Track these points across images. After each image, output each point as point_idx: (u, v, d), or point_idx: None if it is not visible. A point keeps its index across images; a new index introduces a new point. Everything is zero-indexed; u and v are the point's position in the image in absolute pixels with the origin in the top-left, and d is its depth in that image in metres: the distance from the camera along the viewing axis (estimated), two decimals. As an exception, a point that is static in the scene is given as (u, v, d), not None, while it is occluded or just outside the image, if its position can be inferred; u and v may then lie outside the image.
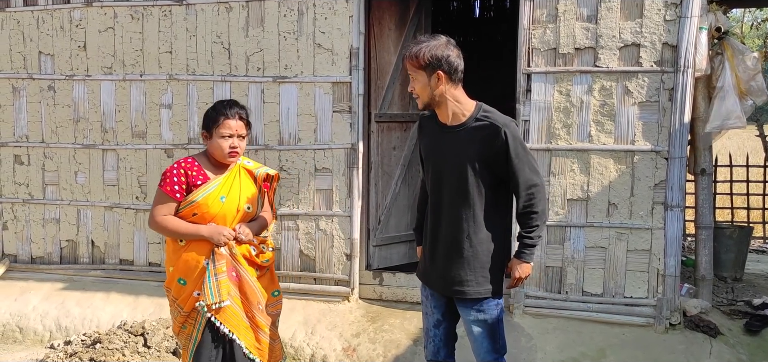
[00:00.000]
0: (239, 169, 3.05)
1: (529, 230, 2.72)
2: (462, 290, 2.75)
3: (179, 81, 4.89)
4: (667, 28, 4.11)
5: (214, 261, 2.90)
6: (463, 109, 2.69)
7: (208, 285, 2.87)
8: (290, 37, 4.68)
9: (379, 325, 4.48)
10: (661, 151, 4.19)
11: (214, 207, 2.93)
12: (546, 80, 4.32)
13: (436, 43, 2.63)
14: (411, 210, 5.29)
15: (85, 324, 4.69)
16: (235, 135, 2.95)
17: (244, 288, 3.00)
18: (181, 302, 2.96)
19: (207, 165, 2.99)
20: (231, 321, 2.95)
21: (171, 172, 2.93)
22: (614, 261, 4.33)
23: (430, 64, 2.61)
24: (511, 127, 2.63)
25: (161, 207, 2.92)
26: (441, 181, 2.75)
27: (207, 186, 2.93)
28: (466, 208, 2.69)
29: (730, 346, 4.11)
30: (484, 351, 2.81)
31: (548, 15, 4.28)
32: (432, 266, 2.85)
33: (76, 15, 5.00)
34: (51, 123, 5.14)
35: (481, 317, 2.76)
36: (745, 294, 4.94)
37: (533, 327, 4.32)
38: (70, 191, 5.17)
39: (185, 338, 3.02)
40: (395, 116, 5.08)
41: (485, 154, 2.63)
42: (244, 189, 3.02)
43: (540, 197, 2.68)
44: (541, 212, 2.70)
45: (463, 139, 2.67)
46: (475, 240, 2.70)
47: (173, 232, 2.93)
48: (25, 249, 5.31)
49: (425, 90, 2.67)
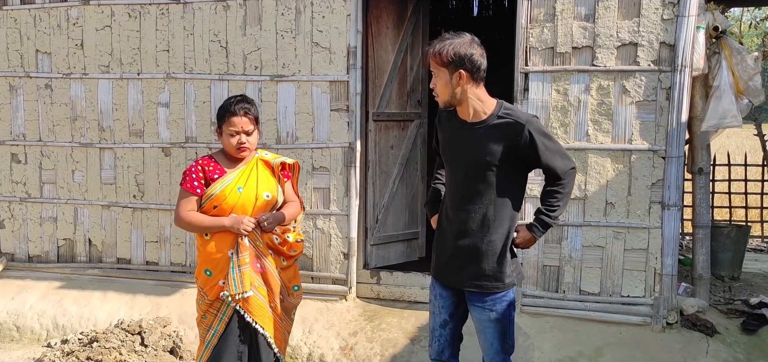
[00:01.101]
0: (257, 161, 3.16)
1: (550, 208, 2.75)
2: (478, 284, 2.74)
3: (177, 80, 4.88)
4: (665, 28, 4.11)
5: (238, 252, 3.00)
6: (484, 107, 2.68)
7: (231, 275, 2.97)
8: (288, 36, 4.68)
9: (376, 324, 4.48)
10: (658, 150, 4.19)
11: (232, 198, 3.02)
12: (543, 79, 4.32)
13: (460, 41, 2.61)
14: (409, 209, 5.30)
15: (82, 323, 4.68)
16: (241, 131, 3.04)
17: (269, 279, 3.10)
18: (207, 290, 3.07)
19: (223, 161, 3.12)
20: (257, 313, 3.05)
21: (190, 169, 3.06)
22: (611, 261, 4.33)
23: (452, 62, 2.60)
24: (533, 123, 2.65)
25: (184, 203, 3.04)
26: (459, 177, 2.75)
27: (223, 178, 3.05)
28: (483, 204, 2.69)
29: (727, 345, 4.11)
30: (493, 351, 2.81)
31: (546, 14, 4.28)
32: (447, 260, 2.84)
33: (73, 13, 4.99)
34: (48, 121, 5.14)
35: (494, 315, 2.75)
36: (742, 294, 4.95)
37: (530, 326, 4.32)
38: (67, 190, 5.16)
39: (204, 328, 3.10)
40: (393, 115, 5.07)
41: (506, 150, 2.63)
42: (261, 179, 3.12)
43: (571, 179, 2.76)
44: (567, 193, 2.75)
45: (484, 136, 2.66)
46: (492, 237, 2.70)
47: (197, 226, 3.04)
48: (22, 248, 5.30)
49: (446, 88, 2.65)
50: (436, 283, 2.93)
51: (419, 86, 5.24)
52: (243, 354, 3.06)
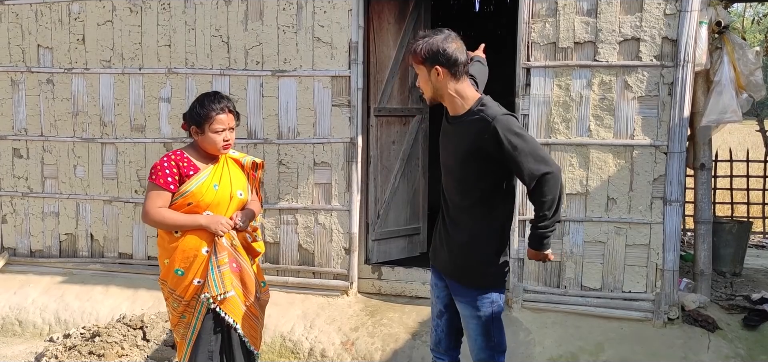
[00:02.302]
0: (226, 158, 3.10)
1: (538, 219, 2.62)
2: (456, 278, 2.79)
3: (178, 75, 4.88)
4: (667, 23, 4.10)
5: (216, 253, 2.94)
6: (464, 103, 2.67)
7: (211, 277, 2.92)
8: (289, 31, 4.67)
9: (377, 319, 4.48)
10: (660, 146, 4.18)
11: (209, 196, 2.97)
12: (545, 74, 4.31)
13: (436, 37, 2.61)
14: (410, 205, 5.29)
15: (84, 318, 4.70)
16: (227, 128, 2.99)
17: (244, 278, 3.08)
18: (181, 292, 2.97)
19: (196, 156, 3.02)
20: (233, 311, 3.02)
21: (162, 164, 2.94)
22: (613, 256, 4.33)
23: (428, 59, 2.61)
24: (501, 120, 2.54)
25: (155, 198, 2.92)
26: (444, 172, 2.80)
27: (199, 175, 2.97)
28: (462, 201, 2.71)
29: (728, 341, 4.11)
30: (477, 348, 2.82)
31: (548, 9, 4.27)
32: (437, 249, 2.91)
33: (74, 8, 4.99)
34: (50, 116, 5.14)
35: (475, 312, 2.76)
36: (743, 289, 4.94)
37: (532, 322, 4.32)
38: (69, 185, 5.17)
39: (184, 327, 3.04)
40: (394, 110, 5.07)
41: (476, 147, 2.60)
42: (234, 176, 3.09)
43: (550, 186, 2.52)
44: (551, 201, 2.54)
45: (460, 132, 2.67)
46: (469, 233, 2.71)
47: (171, 225, 2.94)
48: (24, 243, 5.31)
49: (427, 84, 2.69)
50: (433, 273, 2.98)
51: (421, 81, 5.23)
52: (213, 354, 3.03)
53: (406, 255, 5.23)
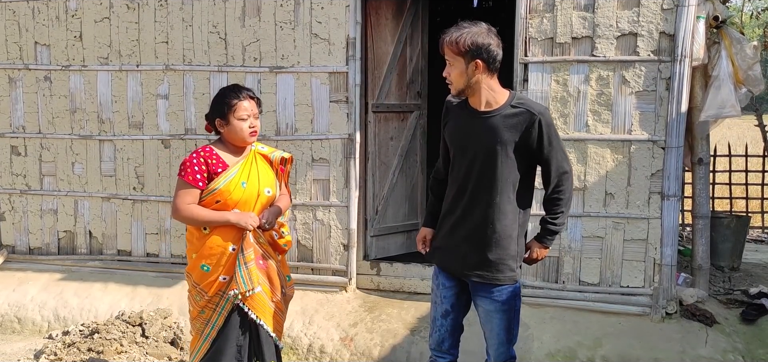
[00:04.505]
0: (254, 154, 3.10)
1: (553, 216, 2.76)
2: (483, 274, 2.73)
3: (176, 71, 4.87)
4: (665, 17, 4.10)
5: (243, 250, 2.96)
6: (497, 97, 2.68)
7: (239, 273, 2.94)
8: (287, 27, 4.66)
9: (376, 315, 4.49)
10: (658, 141, 4.19)
11: (237, 193, 2.98)
12: (543, 70, 4.31)
13: (478, 30, 2.59)
14: (408, 201, 5.30)
15: (83, 315, 4.70)
16: (252, 115, 2.99)
17: (270, 274, 3.10)
18: (205, 286, 3.00)
19: (223, 152, 3.03)
20: (259, 308, 3.05)
21: (191, 160, 2.96)
22: (611, 251, 4.33)
23: (469, 51, 2.59)
24: (546, 115, 2.66)
25: (184, 195, 2.94)
26: (468, 166, 2.72)
27: (228, 173, 2.98)
28: (492, 194, 2.68)
29: (726, 335, 4.12)
30: (498, 342, 2.80)
31: (545, 4, 4.26)
32: (453, 248, 2.81)
33: (71, 5, 4.98)
34: (47, 114, 5.13)
35: (502, 306, 2.75)
36: (741, 284, 4.95)
37: (530, 317, 4.32)
38: (67, 182, 5.17)
39: (202, 322, 3.07)
40: (392, 106, 5.07)
41: (518, 140, 2.63)
42: (262, 173, 3.08)
43: (568, 184, 2.72)
44: (568, 199, 2.74)
45: (496, 125, 2.65)
46: (498, 226, 2.69)
47: (200, 221, 2.96)
48: (22, 240, 5.31)
49: (461, 77, 2.65)
50: (439, 272, 2.92)
51: (419, 77, 5.23)
52: (243, 348, 3.07)
53: (404, 251, 5.23)
